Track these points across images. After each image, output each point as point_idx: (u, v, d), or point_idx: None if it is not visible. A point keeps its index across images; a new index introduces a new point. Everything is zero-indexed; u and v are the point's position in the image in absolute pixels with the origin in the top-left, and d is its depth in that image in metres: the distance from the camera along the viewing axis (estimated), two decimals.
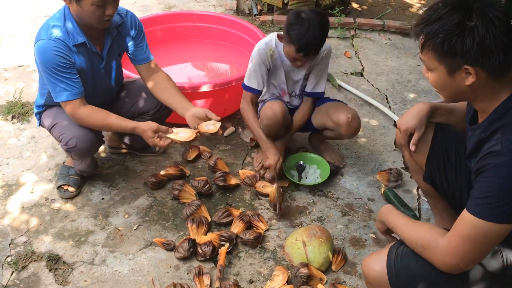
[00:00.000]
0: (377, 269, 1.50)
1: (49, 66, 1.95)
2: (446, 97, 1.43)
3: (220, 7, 4.53)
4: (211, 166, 2.52)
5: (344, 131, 2.36)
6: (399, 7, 4.78)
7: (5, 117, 2.87)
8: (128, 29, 2.19)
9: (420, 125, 1.75)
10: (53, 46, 1.93)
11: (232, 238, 2.10)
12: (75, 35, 1.99)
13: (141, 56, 2.26)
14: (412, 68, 3.68)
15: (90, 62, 2.09)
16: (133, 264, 2.03)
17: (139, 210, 2.30)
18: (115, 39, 2.15)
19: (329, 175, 2.45)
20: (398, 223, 1.54)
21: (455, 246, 1.32)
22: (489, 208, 1.26)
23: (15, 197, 2.34)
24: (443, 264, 1.36)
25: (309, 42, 2.10)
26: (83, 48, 2.03)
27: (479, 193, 1.30)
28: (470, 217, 1.29)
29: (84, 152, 2.17)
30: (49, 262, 2.02)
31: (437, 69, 1.35)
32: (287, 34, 2.14)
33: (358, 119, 2.38)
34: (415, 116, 1.76)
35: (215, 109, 2.79)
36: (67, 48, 1.97)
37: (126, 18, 2.17)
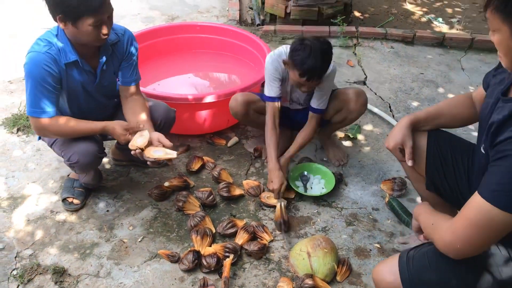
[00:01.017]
0: (390, 275, 1.49)
1: (34, 78, 1.94)
2: (506, 63, 1.35)
3: (223, 18, 4.57)
4: (215, 176, 2.53)
5: (353, 104, 2.45)
6: (401, 15, 4.80)
7: (11, 130, 2.89)
8: (123, 48, 2.16)
9: (404, 139, 1.77)
10: (43, 60, 1.92)
11: (236, 250, 2.10)
12: (68, 53, 1.97)
13: (126, 77, 2.22)
14: (415, 76, 3.69)
15: (82, 80, 2.08)
16: (138, 276, 2.04)
17: (144, 222, 2.31)
18: (109, 58, 2.12)
19: (334, 185, 2.45)
20: (422, 210, 1.55)
21: (457, 227, 1.31)
22: (506, 196, 1.23)
23: (20, 209, 2.35)
24: (441, 242, 1.35)
25: (311, 67, 2.14)
26: (75, 66, 2.02)
27: (497, 178, 1.26)
28: (481, 201, 1.26)
29: (86, 166, 2.18)
30: (55, 275, 2.02)
31: (500, 30, 1.29)
32: (291, 60, 2.21)
33: (364, 94, 2.49)
34: (398, 132, 1.78)
35: (219, 119, 2.83)
36: (58, 65, 1.96)
37: (123, 38, 2.15)
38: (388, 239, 2.25)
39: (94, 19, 1.83)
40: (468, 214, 1.30)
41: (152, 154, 2.00)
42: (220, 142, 2.87)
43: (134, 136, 2.05)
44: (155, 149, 2.03)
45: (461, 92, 3.50)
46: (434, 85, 3.58)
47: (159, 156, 2.00)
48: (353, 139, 2.93)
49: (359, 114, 2.55)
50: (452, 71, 3.79)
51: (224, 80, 3.47)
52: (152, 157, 1.99)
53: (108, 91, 2.25)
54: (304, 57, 2.14)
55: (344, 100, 2.48)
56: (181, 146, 2.82)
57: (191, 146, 2.84)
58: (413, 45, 4.17)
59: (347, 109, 2.48)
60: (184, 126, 2.79)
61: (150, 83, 3.18)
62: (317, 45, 2.15)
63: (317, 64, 2.14)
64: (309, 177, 2.54)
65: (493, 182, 1.27)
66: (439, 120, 1.83)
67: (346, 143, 2.90)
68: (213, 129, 2.90)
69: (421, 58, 3.97)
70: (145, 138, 2.03)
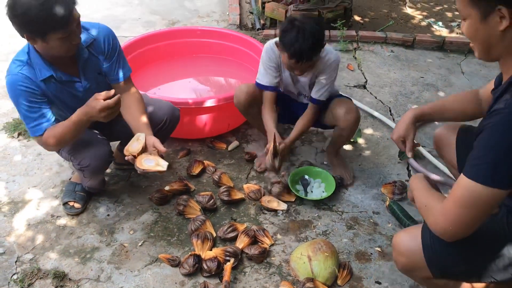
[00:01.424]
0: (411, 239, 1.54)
1: (18, 100, 1.95)
2: (479, 49, 1.37)
3: (223, 22, 4.58)
4: (216, 180, 2.53)
5: (341, 123, 2.40)
6: (401, 19, 4.81)
7: (11, 135, 2.90)
8: (100, 47, 2.11)
9: (407, 131, 1.82)
10: (19, 81, 1.91)
11: (237, 254, 2.09)
12: (42, 70, 1.95)
13: (112, 76, 2.18)
14: (415, 79, 3.69)
15: (67, 89, 2.06)
16: (139, 280, 2.03)
17: (144, 226, 2.30)
18: (88, 61, 2.08)
19: (334, 188, 2.45)
20: (418, 186, 1.57)
21: (448, 209, 1.32)
22: (482, 169, 1.24)
23: (21, 214, 2.35)
24: (435, 226, 1.37)
25: (300, 49, 2.09)
26: (53, 80, 2.00)
27: (474, 154, 1.28)
28: (464, 179, 1.28)
29: (97, 170, 2.18)
30: (55, 279, 2.02)
31: (470, 15, 1.30)
32: (280, 41, 2.18)
33: (355, 111, 2.41)
34: (402, 125, 1.84)
35: (219, 123, 2.83)
36: (34, 82, 1.94)
37: (99, 36, 2.09)
38: (389, 243, 2.25)
39: (62, 33, 1.81)
40: (456, 195, 1.31)
41: (143, 163, 1.98)
42: (220, 146, 2.87)
43: (131, 140, 2.04)
44: (147, 158, 2.01)
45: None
46: (434, 89, 3.58)
47: (149, 168, 1.98)
48: (353, 142, 2.93)
49: (352, 131, 2.49)
50: (452, 75, 3.79)
51: (224, 84, 3.47)
52: (142, 167, 1.98)
53: (100, 91, 2.14)
54: (292, 38, 2.10)
55: (334, 116, 2.43)
56: (181, 150, 2.82)
57: (192, 150, 2.84)
58: (413, 49, 4.17)
59: (339, 127, 2.45)
60: (184, 130, 2.80)
61: (150, 88, 3.18)
62: (307, 25, 2.10)
63: (306, 45, 2.09)
64: (310, 181, 2.54)
65: (472, 158, 1.28)
66: (443, 115, 1.88)
67: (346, 147, 2.90)
68: (214, 133, 2.91)
69: (421, 62, 3.97)
70: (140, 144, 2.02)
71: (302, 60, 2.14)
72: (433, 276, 1.53)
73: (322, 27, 2.19)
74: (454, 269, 1.51)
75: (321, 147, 2.87)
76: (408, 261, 1.56)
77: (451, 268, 1.51)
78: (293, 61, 2.15)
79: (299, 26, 2.10)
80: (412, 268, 1.57)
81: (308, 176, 2.56)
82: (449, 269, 1.51)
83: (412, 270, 1.58)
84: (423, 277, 1.57)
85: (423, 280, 1.61)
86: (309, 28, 2.10)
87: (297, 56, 2.12)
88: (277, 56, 2.35)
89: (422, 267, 1.53)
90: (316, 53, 2.20)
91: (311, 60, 2.18)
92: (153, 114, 2.33)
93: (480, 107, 1.80)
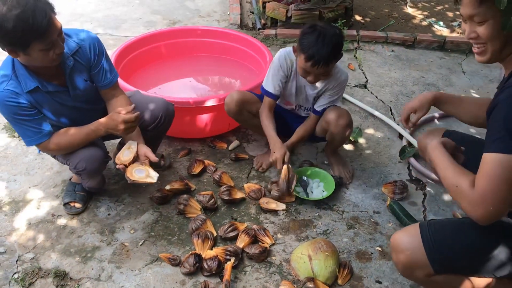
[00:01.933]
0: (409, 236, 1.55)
1: (8, 115, 1.95)
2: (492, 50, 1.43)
3: (224, 22, 4.58)
4: (216, 180, 2.53)
5: (333, 128, 2.39)
6: (402, 19, 4.81)
7: (12, 134, 2.90)
8: (86, 53, 2.06)
9: (421, 106, 1.86)
10: (5, 97, 1.89)
11: (237, 253, 2.10)
12: (27, 81, 1.92)
13: (99, 82, 2.15)
14: (416, 79, 3.69)
15: (55, 99, 2.04)
16: (139, 279, 2.04)
17: (145, 225, 2.31)
18: (74, 69, 2.04)
19: (334, 187, 2.45)
20: (439, 159, 1.56)
21: (482, 189, 1.33)
22: (504, 141, 1.27)
23: (22, 213, 2.36)
24: (474, 211, 1.37)
25: (318, 52, 2.10)
26: (39, 91, 1.97)
27: (492, 129, 1.32)
28: (490, 155, 1.30)
29: (94, 172, 2.18)
30: (56, 278, 2.02)
31: (495, 16, 1.35)
32: (299, 43, 2.18)
33: (346, 116, 2.40)
34: (418, 99, 1.88)
35: (220, 123, 2.83)
36: (21, 96, 1.92)
37: (84, 44, 2.05)
38: (390, 242, 2.24)
39: (43, 43, 1.78)
40: (487, 173, 1.32)
41: (134, 174, 2.02)
42: (221, 145, 2.87)
43: (122, 149, 2.04)
44: (138, 168, 2.04)
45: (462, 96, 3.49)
46: (435, 89, 3.58)
47: (139, 179, 2.02)
48: (354, 142, 2.93)
49: (343, 137, 2.47)
50: (453, 75, 3.79)
51: (225, 84, 3.48)
52: (133, 178, 2.01)
53: (89, 97, 2.17)
54: (311, 40, 2.10)
55: (326, 121, 2.42)
56: (182, 149, 2.82)
57: (192, 149, 2.84)
58: (414, 48, 4.17)
59: (330, 132, 2.44)
60: (185, 129, 2.80)
61: (151, 87, 3.19)
62: (327, 31, 2.11)
63: (325, 49, 2.09)
64: (308, 181, 2.54)
65: (492, 134, 1.32)
66: (458, 109, 1.90)
67: (347, 147, 2.90)
68: (214, 133, 2.91)
69: (422, 61, 3.97)
70: (132, 153, 2.04)
71: (318, 64, 2.14)
72: (434, 271, 1.53)
73: (342, 36, 2.19)
74: (455, 262, 1.52)
75: (321, 147, 2.87)
76: (408, 259, 1.56)
77: (452, 261, 1.52)
78: (309, 64, 2.14)
79: (320, 30, 2.12)
80: (413, 266, 1.57)
81: (306, 177, 2.55)
82: (450, 262, 1.52)
83: (413, 268, 1.58)
84: (423, 275, 1.57)
85: (424, 279, 1.61)
86: (330, 34, 2.12)
87: (315, 59, 2.12)
88: (289, 65, 2.36)
89: (423, 264, 1.53)
90: (334, 59, 2.20)
91: (327, 65, 2.17)
92: (147, 111, 2.30)
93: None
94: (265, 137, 2.52)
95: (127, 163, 2.02)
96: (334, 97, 2.43)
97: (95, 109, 2.23)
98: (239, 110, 2.48)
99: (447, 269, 1.54)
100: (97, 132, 2.05)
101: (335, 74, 2.36)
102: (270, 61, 2.99)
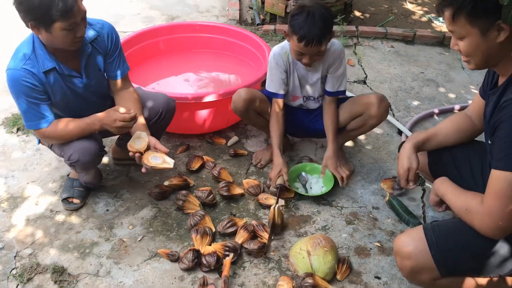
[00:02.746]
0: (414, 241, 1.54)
1: (18, 94, 1.96)
2: (478, 62, 1.45)
3: (223, 17, 4.56)
4: (215, 176, 2.53)
5: (375, 109, 2.35)
6: (401, 15, 4.79)
7: (10, 130, 2.89)
8: (104, 43, 2.13)
9: (411, 163, 1.82)
10: (21, 76, 1.92)
11: (236, 248, 2.09)
12: (45, 61, 1.96)
13: (110, 72, 2.21)
14: (415, 75, 3.68)
15: (67, 84, 2.07)
16: (138, 275, 2.03)
17: (144, 221, 2.30)
18: (90, 56, 2.09)
19: (333, 183, 2.44)
20: (448, 190, 1.60)
21: (490, 206, 1.35)
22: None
23: (20, 209, 2.35)
24: (482, 226, 1.39)
25: (309, 32, 2.09)
26: (54, 72, 2.00)
27: (499, 146, 1.33)
28: (498, 173, 1.32)
29: (87, 165, 2.17)
30: (54, 274, 2.02)
31: (470, 34, 1.38)
32: (290, 26, 2.17)
33: (387, 100, 2.40)
34: (405, 157, 1.84)
35: (219, 119, 2.83)
36: (36, 77, 1.95)
37: (103, 32, 2.11)
38: (389, 238, 2.24)
39: (66, 23, 1.81)
40: (495, 190, 1.34)
41: (150, 161, 2.01)
42: (220, 141, 2.86)
43: (131, 138, 2.04)
44: (153, 155, 2.03)
45: (462, 91, 3.49)
46: (435, 84, 3.57)
47: (156, 164, 2.00)
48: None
49: (380, 121, 2.44)
50: (453, 70, 3.78)
51: (224, 79, 3.46)
52: (150, 164, 2.00)
53: (98, 89, 2.22)
54: (301, 21, 2.10)
55: (365, 104, 2.38)
56: (181, 145, 2.81)
57: (191, 145, 2.84)
58: (413, 44, 4.16)
59: (368, 114, 2.39)
60: (184, 125, 2.79)
61: (149, 83, 3.18)
62: (316, 9, 2.11)
63: (316, 27, 2.08)
64: (307, 177, 2.53)
65: (499, 151, 1.32)
66: (439, 136, 1.89)
67: (346, 143, 2.89)
68: (213, 129, 2.90)
69: (421, 57, 3.96)
70: (144, 141, 2.03)
71: (312, 43, 2.12)
72: (441, 275, 1.53)
73: (331, 13, 2.18)
74: (462, 264, 1.52)
75: (320, 143, 2.87)
76: (414, 264, 1.55)
77: (459, 264, 1.51)
78: (302, 44, 2.13)
79: (309, 10, 2.11)
80: (419, 270, 1.56)
81: (305, 172, 2.55)
82: (457, 265, 1.52)
83: (419, 273, 1.57)
84: (429, 279, 1.56)
85: (429, 283, 1.59)
86: (319, 12, 2.11)
87: (307, 38, 2.10)
88: (284, 59, 2.35)
89: (429, 268, 1.52)
90: (326, 37, 2.17)
91: (320, 44, 2.15)
92: (149, 106, 2.32)
93: (472, 121, 1.85)
94: (264, 133, 2.51)
95: (142, 150, 2.02)
96: (341, 69, 2.41)
97: (100, 104, 2.24)
98: (246, 109, 2.45)
99: (454, 272, 1.54)
100: (92, 125, 2.05)
101: (329, 49, 2.33)
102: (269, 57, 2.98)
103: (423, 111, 3.21)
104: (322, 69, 2.40)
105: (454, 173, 1.86)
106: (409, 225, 2.27)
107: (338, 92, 2.46)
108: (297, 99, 2.54)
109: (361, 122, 2.46)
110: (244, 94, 2.42)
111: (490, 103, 1.49)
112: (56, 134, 2.06)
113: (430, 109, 3.22)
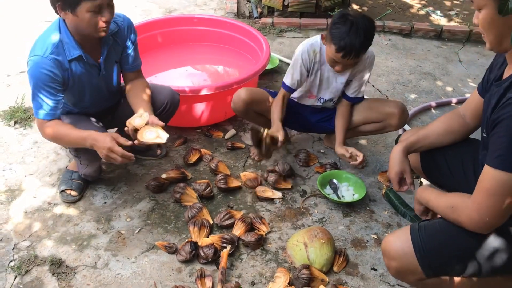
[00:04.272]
0: (401, 242, 1.54)
1: (38, 82, 1.96)
2: (491, 40, 1.40)
3: (221, 10, 4.55)
4: (213, 169, 2.53)
5: (396, 120, 2.38)
6: (399, 8, 4.79)
7: (8, 123, 2.89)
8: (124, 36, 2.18)
9: (402, 166, 1.83)
10: (46, 65, 1.93)
11: (234, 240, 2.10)
12: (71, 49, 1.99)
13: (126, 65, 2.27)
14: (413, 68, 3.68)
15: (87, 73, 2.10)
16: (136, 267, 2.04)
17: (141, 214, 2.31)
18: (111, 48, 2.14)
19: (365, 191, 2.39)
20: (431, 196, 1.60)
21: (479, 202, 1.35)
22: (506, 158, 1.28)
23: (18, 202, 2.36)
24: (470, 222, 1.39)
25: (349, 44, 2.04)
26: (79, 61, 2.03)
27: (497, 144, 1.31)
28: (491, 170, 1.31)
29: (93, 156, 2.18)
30: (52, 266, 2.03)
31: (487, 5, 1.33)
32: (329, 33, 2.12)
33: (407, 110, 2.42)
34: (395, 161, 1.84)
35: (216, 112, 2.83)
36: (61, 66, 1.97)
37: (123, 25, 2.16)
38: (385, 230, 2.26)
39: (92, 4, 1.84)
40: (485, 186, 1.34)
41: (143, 136, 2.00)
42: (217, 134, 2.87)
43: (133, 115, 2.06)
44: (148, 129, 2.02)
45: (459, 85, 3.50)
46: (432, 78, 3.58)
47: (149, 139, 1.99)
48: None
49: (399, 129, 2.47)
50: (450, 64, 3.79)
51: (221, 72, 3.46)
52: (142, 139, 1.99)
53: (111, 83, 2.26)
54: (343, 31, 2.04)
55: (386, 113, 2.39)
56: (178, 138, 2.82)
57: (189, 138, 2.84)
58: (411, 37, 4.17)
59: (388, 123, 2.41)
60: (181, 118, 2.79)
61: (147, 76, 3.13)
62: (360, 21, 2.05)
63: (356, 41, 2.04)
64: (338, 185, 2.47)
65: (495, 149, 1.31)
66: (429, 138, 1.87)
67: None
68: (211, 122, 2.90)
69: (419, 50, 3.97)
70: (144, 120, 2.03)
71: (349, 56, 2.09)
72: (426, 276, 1.53)
73: (374, 26, 2.14)
74: (447, 266, 1.52)
75: (318, 136, 2.87)
76: (400, 265, 1.56)
77: (444, 265, 1.52)
78: (340, 55, 2.09)
79: (352, 20, 2.05)
80: (405, 271, 1.57)
81: (336, 180, 2.49)
82: (442, 267, 1.52)
83: (405, 273, 1.58)
84: (415, 279, 1.58)
85: (416, 283, 1.61)
86: (362, 24, 2.06)
87: (346, 51, 2.07)
88: (311, 58, 2.32)
89: (415, 269, 1.53)
90: (364, 51, 2.16)
91: (358, 57, 2.13)
92: (154, 98, 2.34)
93: (465, 121, 1.82)
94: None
95: (139, 127, 2.01)
96: (367, 76, 2.41)
97: (109, 100, 2.32)
98: (245, 110, 2.45)
99: (439, 273, 1.54)
100: (85, 140, 2.00)
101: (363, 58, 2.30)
102: (266, 50, 2.98)
103: (420, 104, 3.22)
104: (350, 73, 2.38)
105: (447, 173, 1.86)
106: (406, 218, 2.28)
107: (356, 98, 2.46)
108: (312, 98, 2.52)
109: (379, 127, 2.48)
110: (243, 95, 2.41)
111: (494, 95, 1.45)
112: (53, 131, 2.05)
113: (427, 102, 3.23)
